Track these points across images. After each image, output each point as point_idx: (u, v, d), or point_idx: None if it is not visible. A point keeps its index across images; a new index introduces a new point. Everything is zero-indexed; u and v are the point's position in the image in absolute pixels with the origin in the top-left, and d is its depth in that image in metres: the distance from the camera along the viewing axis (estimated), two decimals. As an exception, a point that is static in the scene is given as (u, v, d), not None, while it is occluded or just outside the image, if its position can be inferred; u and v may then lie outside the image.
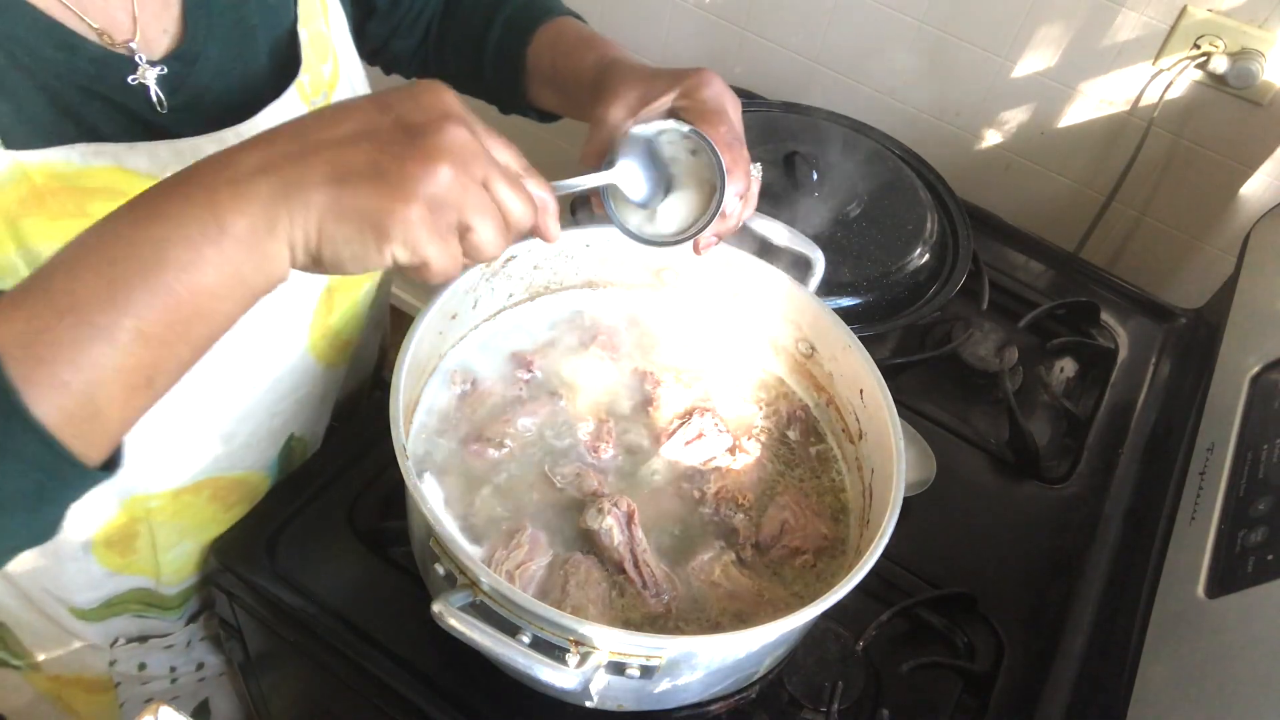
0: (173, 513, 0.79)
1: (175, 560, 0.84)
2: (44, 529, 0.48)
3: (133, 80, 0.65)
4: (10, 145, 0.58)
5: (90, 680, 0.92)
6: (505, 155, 0.53)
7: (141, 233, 0.45)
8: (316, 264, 0.48)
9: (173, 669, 0.96)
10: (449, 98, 0.50)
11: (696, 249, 0.75)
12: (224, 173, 0.46)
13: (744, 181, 0.70)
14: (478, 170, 0.49)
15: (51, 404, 0.44)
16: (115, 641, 0.89)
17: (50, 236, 0.59)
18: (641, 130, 0.70)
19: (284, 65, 0.72)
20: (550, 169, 0.58)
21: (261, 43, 0.71)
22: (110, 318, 0.44)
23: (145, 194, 0.47)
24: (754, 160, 0.73)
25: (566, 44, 0.85)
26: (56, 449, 0.45)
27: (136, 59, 0.64)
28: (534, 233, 0.56)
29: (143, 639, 0.91)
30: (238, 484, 0.84)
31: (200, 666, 0.99)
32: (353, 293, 0.84)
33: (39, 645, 0.88)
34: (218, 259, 0.45)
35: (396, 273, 0.52)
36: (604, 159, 0.70)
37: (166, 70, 0.66)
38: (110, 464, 0.49)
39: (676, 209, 0.72)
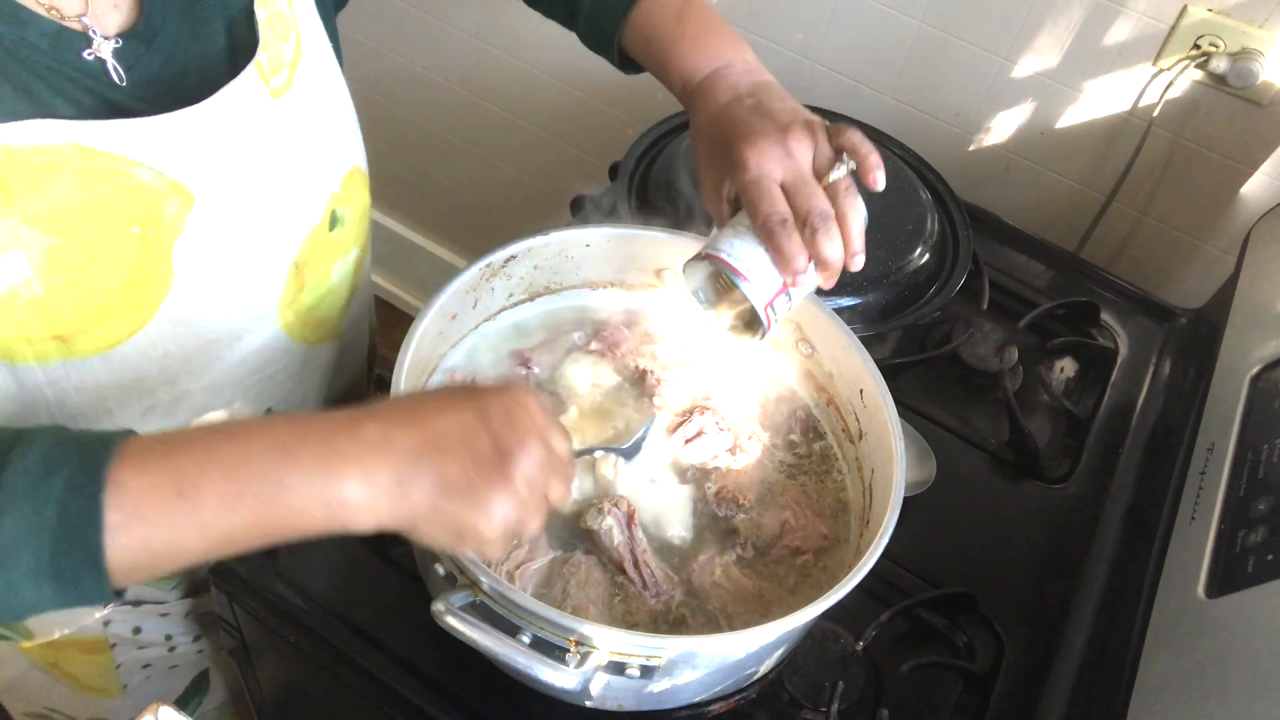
0: None
1: None
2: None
3: (89, 54, 0.64)
4: None
5: (87, 641, 0.92)
6: (563, 445, 0.61)
7: (273, 466, 0.52)
8: (401, 534, 0.57)
9: (169, 637, 0.97)
10: (536, 415, 0.59)
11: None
12: (353, 446, 0.54)
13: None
14: (543, 486, 0.58)
15: (126, 555, 0.49)
16: None
17: (7, 214, 0.59)
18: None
19: (242, 44, 0.72)
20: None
21: (218, 21, 0.71)
22: (215, 517, 0.51)
23: (284, 427, 0.54)
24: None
25: (669, 33, 0.83)
26: (105, 590, 0.49)
27: (90, 33, 0.64)
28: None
29: (137, 603, 0.91)
30: None
31: (198, 638, 0.99)
32: (323, 268, 0.82)
33: None
34: (323, 514, 0.53)
35: None
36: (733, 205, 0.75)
37: (121, 44, 0.66)
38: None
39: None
